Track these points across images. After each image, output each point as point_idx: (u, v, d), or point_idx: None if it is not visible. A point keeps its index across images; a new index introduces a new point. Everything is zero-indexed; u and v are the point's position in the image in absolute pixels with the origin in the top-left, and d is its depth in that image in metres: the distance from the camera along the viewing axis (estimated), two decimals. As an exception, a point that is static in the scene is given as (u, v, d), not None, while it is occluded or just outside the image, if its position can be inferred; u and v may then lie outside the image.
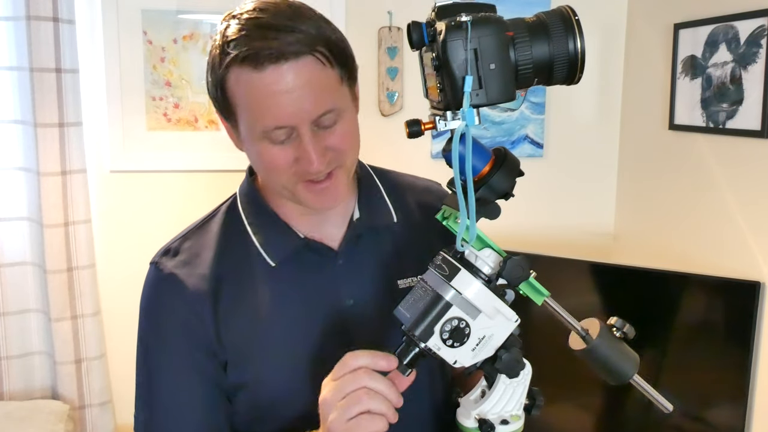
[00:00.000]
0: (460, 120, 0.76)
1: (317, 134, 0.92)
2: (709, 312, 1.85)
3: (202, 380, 1.00)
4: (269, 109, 0.89)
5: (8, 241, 2.00)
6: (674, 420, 1.82)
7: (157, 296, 1.03)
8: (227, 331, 0.99)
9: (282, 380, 1.00)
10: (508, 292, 0.82)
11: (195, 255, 1.02)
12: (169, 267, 1.02)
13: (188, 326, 0.99)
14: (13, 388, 2.01)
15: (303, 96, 0.89)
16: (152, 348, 1.03)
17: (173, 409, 1.01)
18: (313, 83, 0.89)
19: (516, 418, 0.86)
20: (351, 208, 1.06)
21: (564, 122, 2.38)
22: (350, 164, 0.98)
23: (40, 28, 1.89)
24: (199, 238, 1.04)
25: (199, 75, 2.14)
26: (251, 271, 1.01)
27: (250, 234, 1.03)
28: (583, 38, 0.78)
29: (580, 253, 2.05)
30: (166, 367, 1.02)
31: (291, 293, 1.01)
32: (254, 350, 0.99)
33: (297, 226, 1.03)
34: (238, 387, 1.00)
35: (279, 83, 0.88)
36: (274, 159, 0.93)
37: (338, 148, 0.94)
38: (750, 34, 1.78)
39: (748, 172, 1.83)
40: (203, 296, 0.99)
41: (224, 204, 1.09)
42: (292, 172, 0.94)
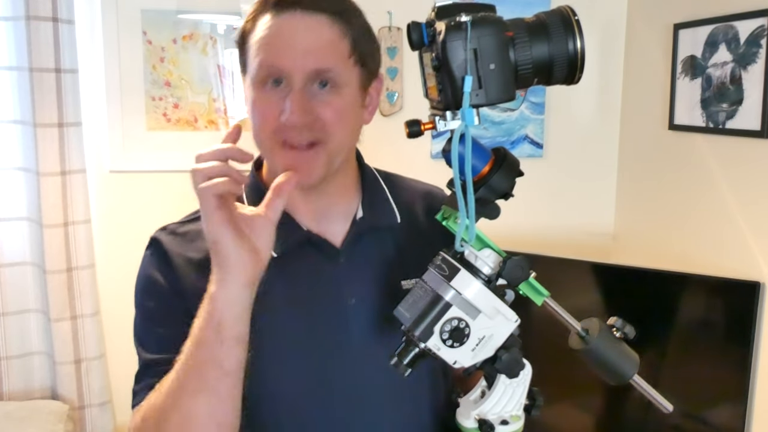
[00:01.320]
0: (460, 120, 0.76)
1: (308, 95, 0.94)
2: (709, 312, 1.85)
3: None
4: (272, 48, 0.94)
5: (8, 241, 2.00)
6: (674, 420, 1.82)
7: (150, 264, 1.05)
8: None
9: (276, 373, 0.98)
10: (508, 293, 0.82)
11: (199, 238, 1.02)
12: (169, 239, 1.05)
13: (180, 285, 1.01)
14: (12, 389, 2.01)
15: (306, 47, 0.93)
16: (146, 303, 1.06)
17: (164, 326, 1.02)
18: (319, 39, 0.93)
19: (516, 419, 0.86)
20: (355, 207, 1.06)
21: (564, 122, 2.38)
22: (334, 147, 0.97)
23: (40, 28, 1.89)
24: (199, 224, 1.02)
25: (198, 75, 2.14)
26: None
27: None
28: (583, 38, 0.78)
29: (580, 253, 2.05)
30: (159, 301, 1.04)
31: (292, 286, 1.00)
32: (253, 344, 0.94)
33: (300, 219, 1.03)
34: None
35: (288, 27, 0.93)
36: (263, 107, 0.96)
37: (324, 120, 0.94)
38: (750, 34, 1.78)
39: (748, 172, 1.83)
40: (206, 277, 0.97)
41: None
42: (273, 128, 0.95)
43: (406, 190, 1.14)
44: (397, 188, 1.13)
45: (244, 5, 2.14)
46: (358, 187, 1.08)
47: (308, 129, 0.94)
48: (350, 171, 1.08)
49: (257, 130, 0.99)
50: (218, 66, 2.14)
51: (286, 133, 0.95)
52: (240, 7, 2.13)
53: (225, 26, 2.14)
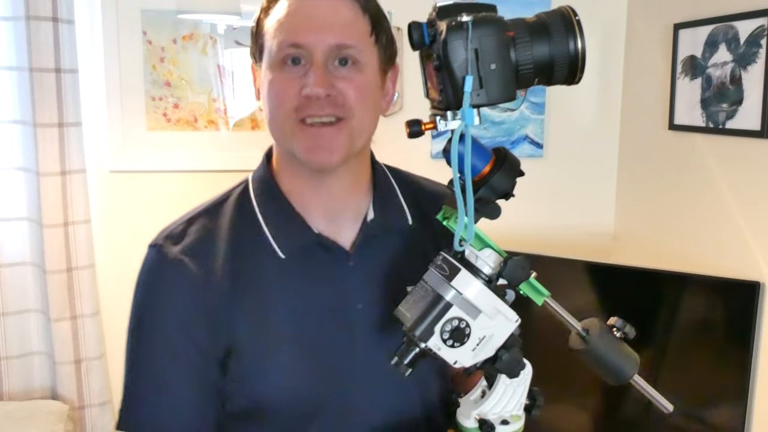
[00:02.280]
0: (461, 120, 0.76)
1: (330, 71, 0.92)
2: (709, 312, 1.85)
3: (195, 378, 0.97)
4: (292, 26, 0.93)
5: (8, 241, 2.00)
6: (674, 420, 1.82)
7: (157, 281, 0.99)
8: (236, 324, 0.96)
9: (283, 381, 0.98)
10: (509, 293, 0.82)
11: (204, 242, 0.98)
12: (174, 252, 0.97)
13: (190, 319, 0.96)
14: (12, 389, 2.01)
15: (327, 22, 0.92)
16: (144, 336, 0.99)
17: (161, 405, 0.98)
18: (340, 15, 0.93)
19: (516, 418, 0.86)
20: (365, 207, 1.04)
21: (564, 122, 2.38)
22: (356, 126, 0.95)
23: (40, 28, 1.88)
24: (207, 224, 1.00)
25: (198, 75, 2.14)
26: (261, 263, 0.98)
27: (262, 224, 0.99)
28: (584, 38, 0.78)
29: (580, 253, 2.05)
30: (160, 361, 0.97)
31: (300, 290, 0.98)
32: (259, 345, 0.97)
33: (310, 219, 1.00)
34: (239, 383, 0.97)
35: (308, 6, 0.93)
36: (282, 86, 0.93)
37: (347, 95, 0.93)
38: (750, 34, 1.78)
39: (748, 172, 1.83)
40: (214, 287, 0.96)
41: (235, 189, 1.05)
42: (294, 106, 0.92)
43: (418, 191, 1.12)
44: (409, 188, 1.11)
45: (244, 5, 2.14)
46: (369, 185, 1.06)
47: (331, 104, 0.92)
48: (364, 166, 1.05)
49: (274, 111, 0.95)
50: (218, 66, 2.14)
51: (307, 109, 0.92)
52: (240, 7, 2.14)
53: (225, 26, 2.14)
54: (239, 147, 2.17)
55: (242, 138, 2.18)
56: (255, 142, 2.17)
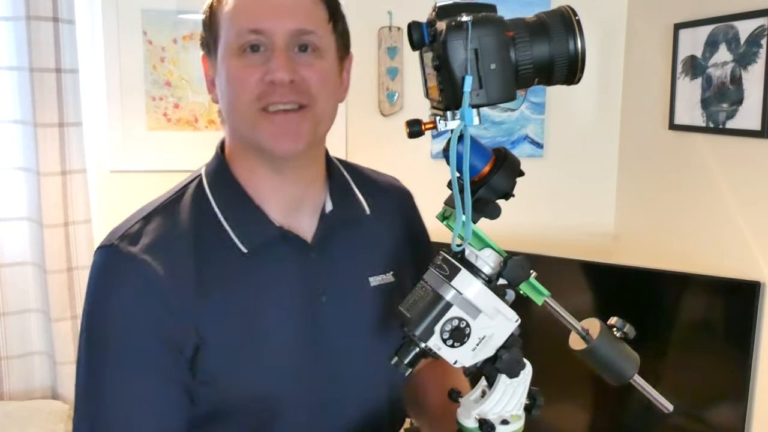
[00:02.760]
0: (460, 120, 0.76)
1: (292, 56, 0.92)
2: (709, 312, 1.85)
3: (161, 380, 0.92)
4: (250, 11, 0.92)
5: (8, 241, 2.00)
6: (674, 420, 1.82)
7: (114, 284, 0.92)
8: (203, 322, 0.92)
9: (253, 377, 0.95)
10: (509, 292, 0.82)
11: (165, 240, 0.94)
12: (132, 251, 0.91)
13: (152, 317, 0.90)
14: (13, 389, 2.01)
15: (286, 6, 0.92)
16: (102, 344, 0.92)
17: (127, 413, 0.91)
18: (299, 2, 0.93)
19: (516, 418, 0.86)
20: (323, 199, 1.03)
21: (564, 122, 2.38)
22: (319, 113, 0.94)
23: (40, 28, 1.88)
24: (166, 222, 0.96)
25: (199, 75, 2.13)
26: (224, 258, 0.95)
27: (220, 218, 0.96)
28: (584, 38, 0.78)
29: (580, 253, 2.05)
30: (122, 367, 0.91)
31: (264, 285, 0.96)
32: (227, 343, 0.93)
33: (269, 211, 0.98)
34: (208, 383, 0.93)
35: None
36: (242, 74, 0.92)
37: (309, 80, 0.92)
38: (750, 34, 1.78)
39: (748, 172, 1.83)
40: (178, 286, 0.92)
41: (190, 184, 1.02)
42: (256, 94, 0.91)
43: (370, 182, 1.12)
44: (362, 179, 1.11)
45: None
46: (325, 177, 1.05)
47: (294, 91, 0.91)
48: (321, 157, 1.04)
49: (234, 100, 0.93)
50: (218, 66, 2.14)
51: (270, 97, 0.91)
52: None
53: (225, 26, 2.14)
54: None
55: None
56: (255, 142, 2.17)
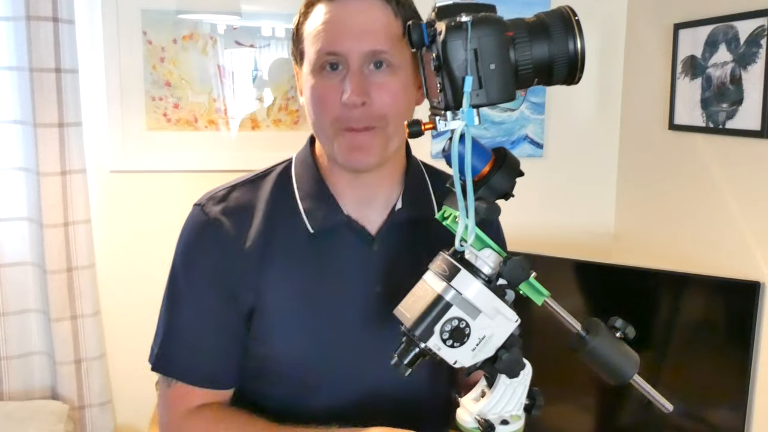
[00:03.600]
0: (460, 120, 0.76)
1: (365, 76, 0.97)
2: (709, 312, 1.85)
3: (221, 326, 1.04)
4: (328, 34, 0.97)
5: (8, 241, 2.00)
6: (674, 420, 1.82)
7: (196, 236, 1.06)
8: (260, 288, 1.02)
9: (301, 347, 1.03)
10: (509, 293, 0.82)
11: (243, 208, 1.05)
12: (214, 212, 1.05)
13: (221, 274, 1.03)
14: (12, 389, 2.01)
15: (361, 29, 0.97)
16: (180, 287, 1.06)
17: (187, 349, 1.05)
18: (373, 21, 0.97)
19: (516, 419, 0.86)
20: (395, 198, 1.09)
21: (564, 122, 2.38)
22: (391, 131, 1.00)
23: (40, 28, 1.89)
24: (248, 193, 1.07)
25: (198, 75, 2.14)
26: (291, 235, 1.04)
27: (297, 198, 1.06)
28: (583, 38, 0.77)
29: (580, 253, 2.06)
30: (190, 308, 1.05)
31: (325, 265, 1.04)
32: (283, 311, 1.03)
33: (342, 203, 1.06)
34: (259, 342, 1.04)
35: (343, 12, 0.97)
36: (322, 93, 0.98)
37: (380, 102, 0.97)
38: (750, 34, 1.78)
39: (748, 172, 1.83)
40: (245, 250, 1.02)
41: (279, 166, 1.12)
42: (336, 115, 0.98)
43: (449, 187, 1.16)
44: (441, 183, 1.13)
45: (244, 5, 2.14)
46: (402, 176, 1.10)
47: (366, 116, 0.97)
48: (398, 160, 1.10)
49: (318, 116, 1.01)
50: (218, 66, 2.14)
51: (347, 122, 0.98)
52: (240, 7, 2.14)
53: (225, 26, 2.14)
54: (239, 147, 2.17)
55: (242, 138, 2.18)
56: (255, 142, 2.17)
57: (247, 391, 1.08)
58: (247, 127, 2.18)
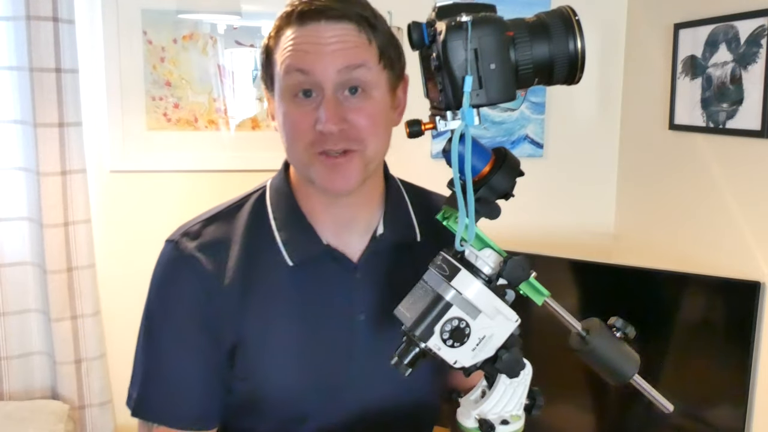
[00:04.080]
0: (461, 120, 0.76)
1: (340, 102, 0.94)
2: (709, 312, 1.85)
3: (203, 364, 1.01)
4: (300, 59, 0.93)
5: (8, 241, 2.00)
6: (674, 420, 1.82)
7: (172, 275, 1.02)
8: (242, 324, 0.99)
9: (284, 381, 1.00)
10: (509, 293, 0.82)
11: (219, 242, 1.02)
12: (189, 248, 1.01)
13: (200, 311, 0.99)
14: (12, 388, 2.01)
15: (332, 48, 0.92)
16: (158, 326, 1.03)
17: (168, 391, 1.01)
18: (347, 47, 0.93)
19: (516, 418, 0.86)
20: (376, 222, 1.06)
21: (564, 122, 2.38)
22: (370, 154, 0.97)
23: (40, 28, 1.88)
24: (223, 225, 1.04)
25: (199, 75, 2.14)
26: (271, 268, 1.01)
27: (274, 229, 1.03)
28: (584, 38, 0.78)
29: (580, 253, 2.05)
30: (169, 346, 1.01)
31: (305, 297, 1.01)
32: (263, 346, 1.00)
33: (321, 231, 1.02)
34: (243, 379, 1.01)
35: (315, 37, 0.93)
36: (297, 120, 0.95)
37: (358, 126, 0.94)
38: (750, 34, 1.78)
39: (748, 172, 1.83)
40: (224, 285, 0.99)
41: (253, 195, 1.08)
42: (310, 140, 0.94)
43: (429, 207, 1.12)
44: (422, 204, 1.12)
45: (244, 5, 2.14)
46: (381, 199, 1.07)
47: (343, 138, 0.94)
48: (377, 181, 1.07)
49: (292, 143, 0.97)
50: (218, 66, 2.14)
51: (322, 144, 0.94)
52: (240, 7, 2.14)
53: (225, 26, 2.14)
54: (239, 147, 2.17)
55: (242, 138, 2.18)
56: (255, 143, 2.17)
57: (231, 428, 1.05)
58: (247, 127, 2.18)
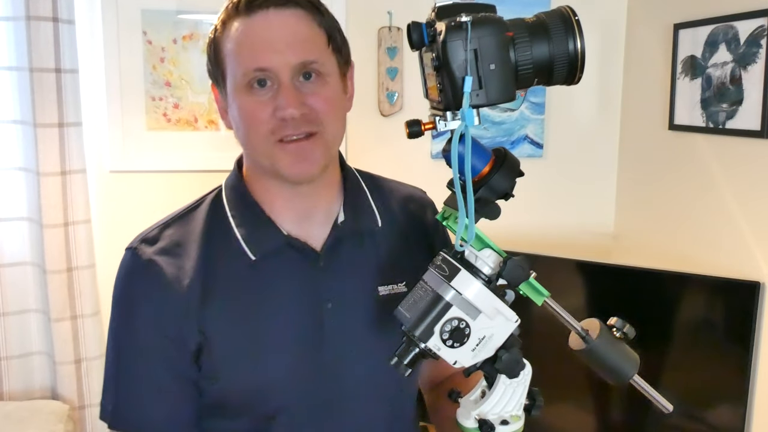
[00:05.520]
0: (460, 120, 0.76)
1: (298, 88, 0.94)
2: (709, 312, 1.85)
3: (171, 371, 1.00)
4: (252, 51, 0.93)
5: (8, 241, 2.00)
6: (674, 420, 1.82)
7: (131, 282, 1.02)
8: (206, 323, 0.98)
9: (255, 377, 1.00)
10: (508, 293, 0.82)
11: (177, 245, 1.02)
12: (148, 254, 1.01)
13: (162, 315, 0.99)
14: (12, 389, 2.01)
15: (286, 41, 0.93)
16: (123, 336, 1.02)
17: (141, 398, 1.01)
18: (297, 32, 0.94)
19: (516, 419, 0.86)
20: (336, 210, 1.06)
21: (564, 122, 2.38)
22: (330, 137, 0.98)
23: (40, 28, 1.88)
24: (181, 228, 1.04)
25: (199, 75, 2.13)
26: (232, 264, 1.01)
27: (233, 227, 1.02)
28: (583, 38, 0.78)
29: (580, 253, 2.06)
30: (136, 357, 1.01)
31: (270, 290, 1.01)
32: (231, 344, 0.99)
33: (281, 223, 1.02)
34: (211, 378, 1.00)
35: (265, 27, 0.93)
36: (254, 110, 0.95)
37: (317, 109, 0.95)
38: (750, 34, 1.78)
39: (748, 172, 1.83)
40: (184, 287, 0.98)
41: (208, 195, 1.09)
42: (270, 129, 0.95)
43: (387, 193, 1.14)
44: (379, 190, 1.13)
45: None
46: (340, 188, 1.08)
47: (305, 122, 0.95)
48: (334, 170, 1.07)
49: (250, 134, 0.98)
50: (218, 66, 2.14)
51: (284, 130, 0.95)
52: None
53: (225, 26, 2.14)
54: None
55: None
56: (255, 142, 2.17)
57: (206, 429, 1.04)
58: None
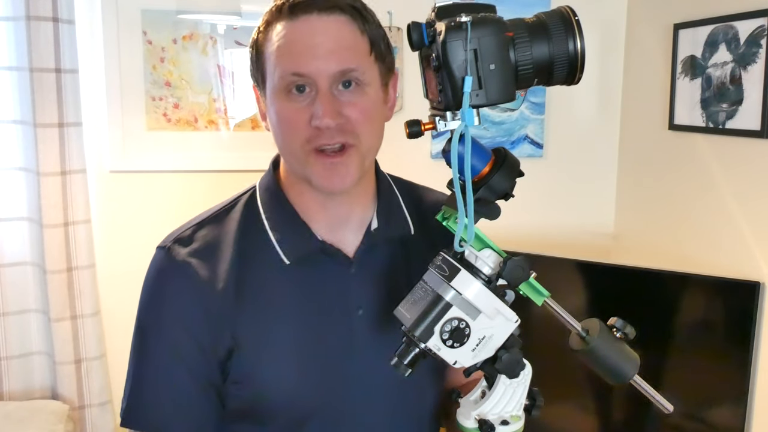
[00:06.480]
0: (460, 120, 0.76)
1: (335, 96, 0.93)
2: (709, 312, 1.85)
3: (194, 376, 0.99)
4: (292, 55, 0.92)
5: (8, 241, 2.00)
6: (674, 420, 1.82)
7: (164, 282, 1.01)
8: (238, 326, 0.98)
9: (284, 382, 0.99)
10: (508, 293, 0.82)
11: (211, 247, 1.00)
12: (182, 255, 0.99)
13: (193, 320, 0.98)
14: (12, 389, 2.01)
15: (327, 48, 0.91)
16: (149, 334, 1.01)
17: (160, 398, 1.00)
18: (339, 39, 0.92)
19: (516, 419, 0.86)
20: (370, 217, 1.05)
21: (564, 122, 2.38)
22: (365, 149, 0.97)
23: (40, 28, 1.88)
24: (215, 229, 1.02)
25: (198, 75, 2.14)
26: (266, 268, 1.00)
27: (267, 230, 1.02)
28: (583, 38, 0.78)
29: (580, 253, 2.05)
30: (160, 355, 1.00)
31: (302, 295, 1.00)
32: (262, 347, 0.99)
33: (315, 227, 1.02)
34: (241, 383, 0.99)
35: (307, 32, 0.92)
36: (290, 117, 0.94)
37: (353, 120, 0.93)
38: (750, 34, 1.78)
39: (748, 172, 1.83)
40: (219, 291, 0.98)
41: (243, 196, 1.07)
42: (306, 137, 0.93)
43: (420, 200, 1.13)
44: (412, 197, 1.12)
45: (244, 5, 2.14)
46: (374, 195, 1.07)
47: (340, 132, 0.93)
48: (370, 177, 1.07)
49: (287, 141, 0.96)
50: (218, 66, 2.14)
51: (319, 140, 0.93)
52: (240, 7, 2.14)
53: (225, 26, 2.14)
54: (239, 147, 2.17)
55: (242, 138, 2.18)
56: (255, 143, 2.17)
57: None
58: (247, 127, 2.18)
